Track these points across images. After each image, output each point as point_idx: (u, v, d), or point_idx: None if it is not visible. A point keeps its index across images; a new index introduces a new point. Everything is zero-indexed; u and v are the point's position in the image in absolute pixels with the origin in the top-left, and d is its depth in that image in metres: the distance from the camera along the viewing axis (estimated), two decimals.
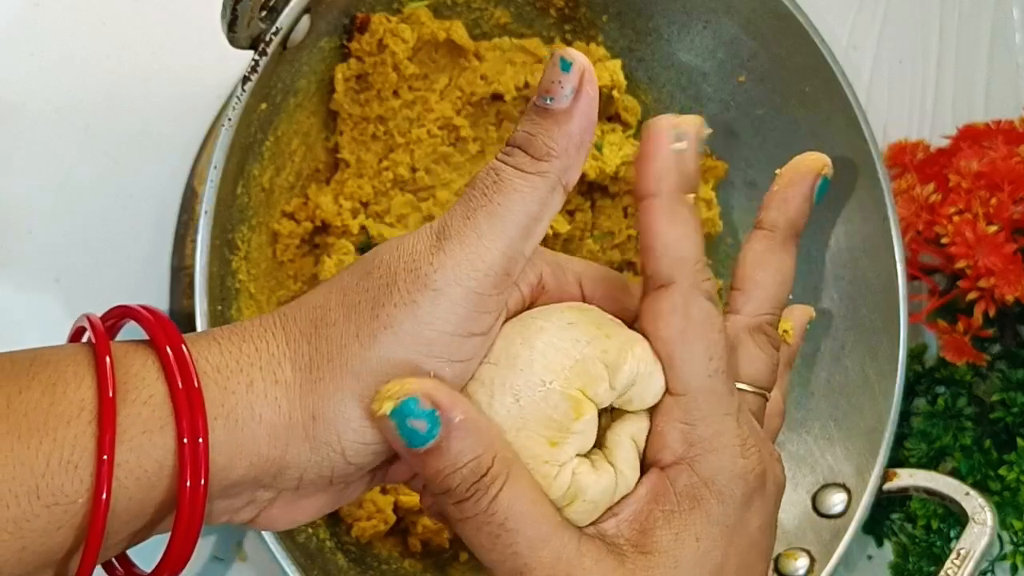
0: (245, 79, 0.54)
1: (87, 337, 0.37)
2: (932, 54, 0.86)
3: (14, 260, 0.60)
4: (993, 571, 0.71)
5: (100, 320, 0.37)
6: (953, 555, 0.62)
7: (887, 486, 0.68)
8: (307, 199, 0.64)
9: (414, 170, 0.65)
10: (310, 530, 0.61)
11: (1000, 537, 0.69)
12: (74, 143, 0.62)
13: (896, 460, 0.71)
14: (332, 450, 0.36)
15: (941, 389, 0.75)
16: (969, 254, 0.71)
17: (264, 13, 0.53)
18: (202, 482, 0.34)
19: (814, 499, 0.69)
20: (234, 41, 0.52)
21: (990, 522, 0.63)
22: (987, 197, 0.72)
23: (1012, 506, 0.69)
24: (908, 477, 0.68)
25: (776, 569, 0.67)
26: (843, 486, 0.69)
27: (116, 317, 0.38)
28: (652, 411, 0.39)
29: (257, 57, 0.53)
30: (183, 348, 0.35)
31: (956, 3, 0.87)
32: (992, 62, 0.88)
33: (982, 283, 0.71)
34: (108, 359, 0.34)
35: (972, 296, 0.73)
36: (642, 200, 0.38)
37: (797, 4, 0.68)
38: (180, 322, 0.42)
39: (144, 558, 0.37)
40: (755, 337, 0.41)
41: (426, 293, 0.36)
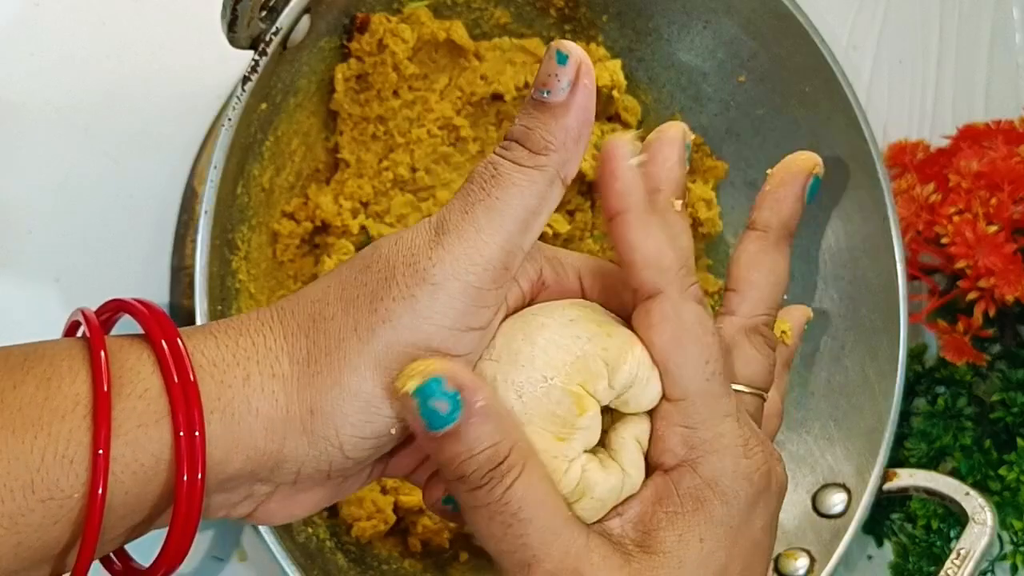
0: (245, 79, 0.54)
1: (82, 331, 0.37)
2: (932, 54, 0.86)
3: (14, 260, 0.60)
4: (993, 571, 0.71)
5: (95, 314, 0.37)
6: (953, 555, 0.62)
7: (887, 486, 0.68)
8: (307, 199, 0.64)
9: (414, 170, 0.65)
10: (310, 530, 0.61)
11: (1000, 537, 0.69)
12: (74, 143, 0.62)
13: (896, 460, 0.71)
14: (330, 444, 0.36)
15: (941, 389, 0.75)
16: (969, 254, 0.71)
17: (264, 13, 0.53)
18: (199, 476, 0.34)
19: (814, 499, 0.69)
20: (234, 41, 0.52)
21: (990, 522, 0.63)
22: (987, 197, 0.72)
23: (1012, 506, 0.69)
24: (908, 477, 0.68)
25: (776, 569, 0.67)
26: (843, 486, 0.69)
27: (111, 311, 0.38)
28: (652, 415, 0.39)
29: (257, 57, 0.53)
30: (178, 342, 0.35)
31: (956, 3, 0.87)
32: (992, 62, 0.88)
33: (982, 283, 0.71)
34: (103, 353, 0.34)
35: (972, 296, 0.73)
36: (612, 219, 0.38)
37: (797, 4, 0.68)
38: (180, 322, 0.42)
39: (142, 553, 0.37)
40: (751, 338, 0.41)
41: (424, 287, 0.36)
